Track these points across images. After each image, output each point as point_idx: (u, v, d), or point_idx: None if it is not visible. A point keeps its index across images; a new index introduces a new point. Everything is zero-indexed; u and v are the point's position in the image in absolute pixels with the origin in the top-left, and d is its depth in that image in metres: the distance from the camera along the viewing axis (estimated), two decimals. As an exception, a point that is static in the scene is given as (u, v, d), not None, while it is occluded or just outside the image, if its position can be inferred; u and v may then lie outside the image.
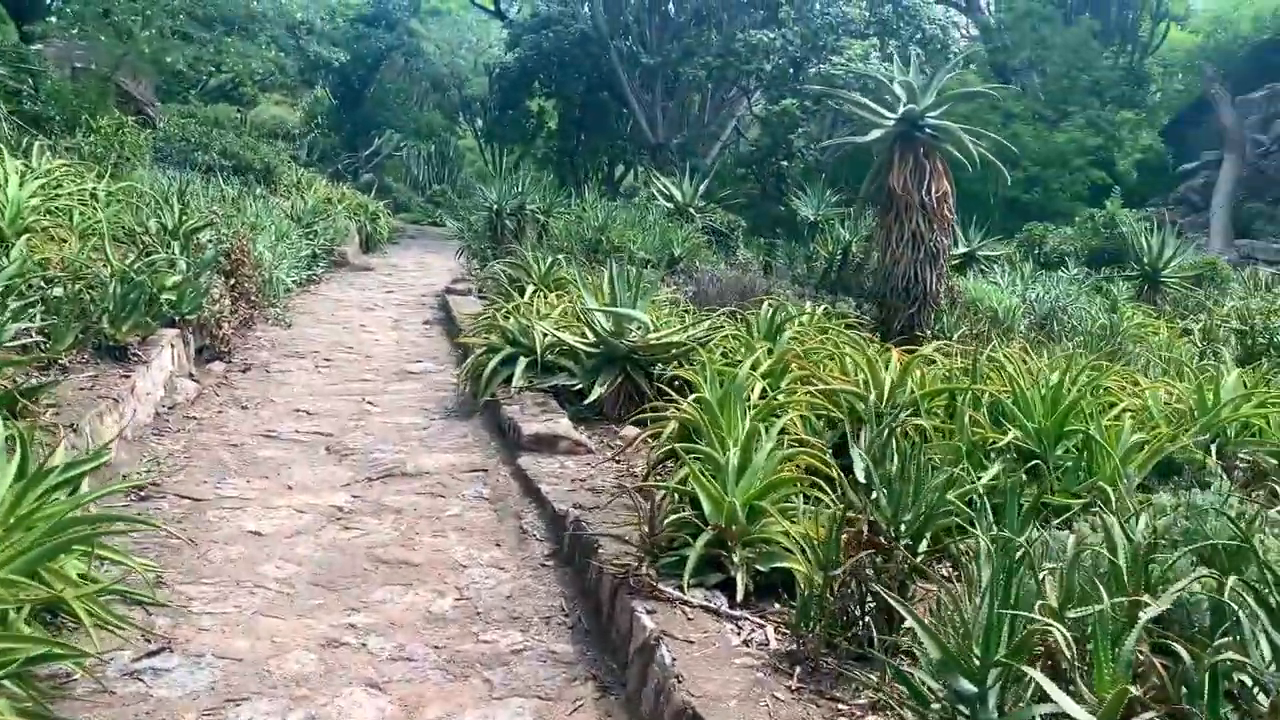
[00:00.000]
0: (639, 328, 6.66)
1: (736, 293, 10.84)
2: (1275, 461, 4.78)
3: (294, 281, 11.13)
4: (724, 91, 23.93)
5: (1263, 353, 7.16)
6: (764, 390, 4.98)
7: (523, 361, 6.77)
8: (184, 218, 8.77)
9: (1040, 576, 2.68)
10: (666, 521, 3.61)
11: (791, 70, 17.10)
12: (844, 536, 3.12)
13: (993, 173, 7.88)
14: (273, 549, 4.48)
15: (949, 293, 7.35)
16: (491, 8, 32.75)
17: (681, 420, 4.55)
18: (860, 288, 11.62)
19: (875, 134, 6.86)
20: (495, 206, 12.26)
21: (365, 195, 20.97)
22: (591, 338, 6.75)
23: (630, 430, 6.25)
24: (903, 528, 3.14)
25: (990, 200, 24.96)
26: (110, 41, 15.21)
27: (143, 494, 5.00)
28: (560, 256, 9.51)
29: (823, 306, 9.05)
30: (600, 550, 3.82)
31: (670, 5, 23.47)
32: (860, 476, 3.72)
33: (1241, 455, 4.86)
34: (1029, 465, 4.48)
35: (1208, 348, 8.11)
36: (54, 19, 16.55)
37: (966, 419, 4.43)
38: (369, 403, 7.09)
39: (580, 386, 6.67)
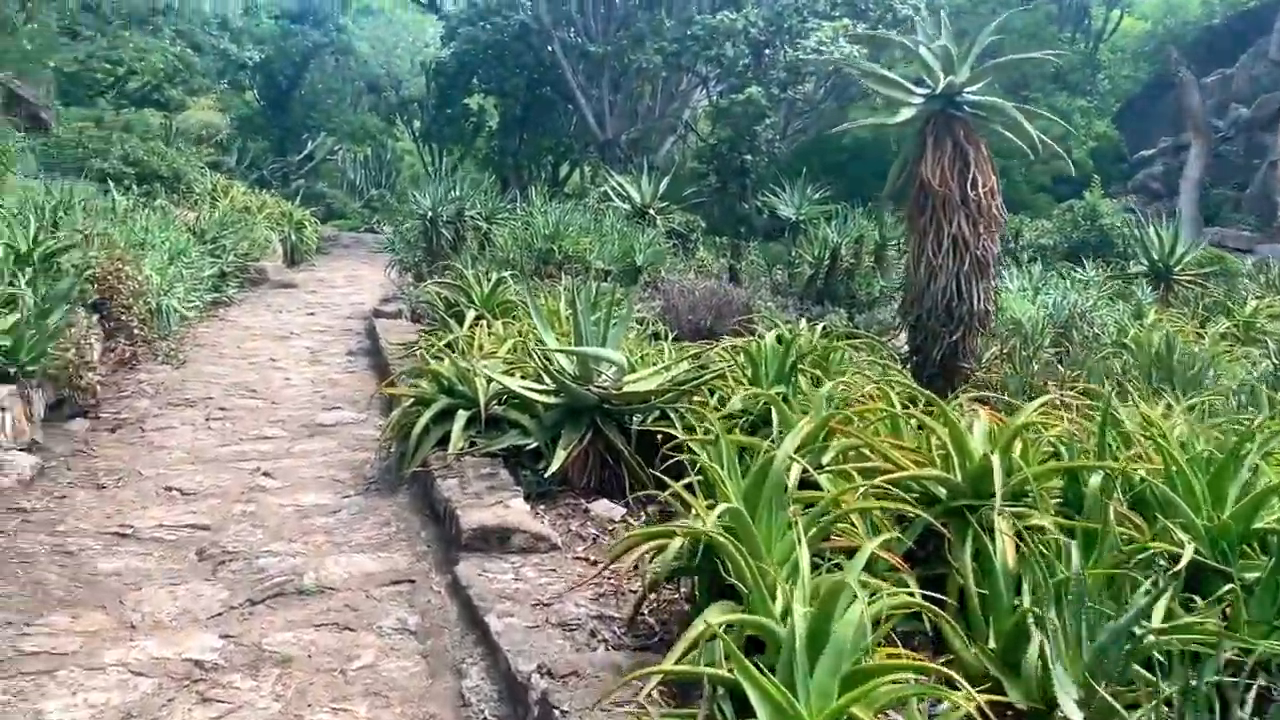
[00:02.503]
0: (613, 369, 5.18)
1: (711, 307, 9.43)
2: None
3: (194, 308, 9.48)
4: (676, 82, 22.55)
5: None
6: (803, 473, 3.51)
7: (462, 416, 5.25)
8: (39, 239, 7.12)
9: None
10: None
11: (752, 57, 15.71)
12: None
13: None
14: (82, 753, 2.93)
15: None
16: (425, 1, 30.98)
17: (694, 535, 3.07)
18: (852, 298, 10.25)
19: (905, 114, 5.45)
20: (429, 213, 10.70)
21: (291, 203, 19.21)
22: (550, 384, 5.26)
23: (604, 508, 4.79)
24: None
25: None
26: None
27: (-97, 655, 3.42)
28: (506, 273, 7.99)
29: (822, 323, 7.65)
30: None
31: (616, -10, 22.00)
32: (1072, 715, 2.27)
33: None
34: (1193, 580, 3.10)
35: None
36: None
37: (1110, 515, 3.01)
38: (265, 474, 5.52)
39: (536, 446, 5.18)
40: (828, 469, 3.65)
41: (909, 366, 5.75)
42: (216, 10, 21.42)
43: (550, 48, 23.18)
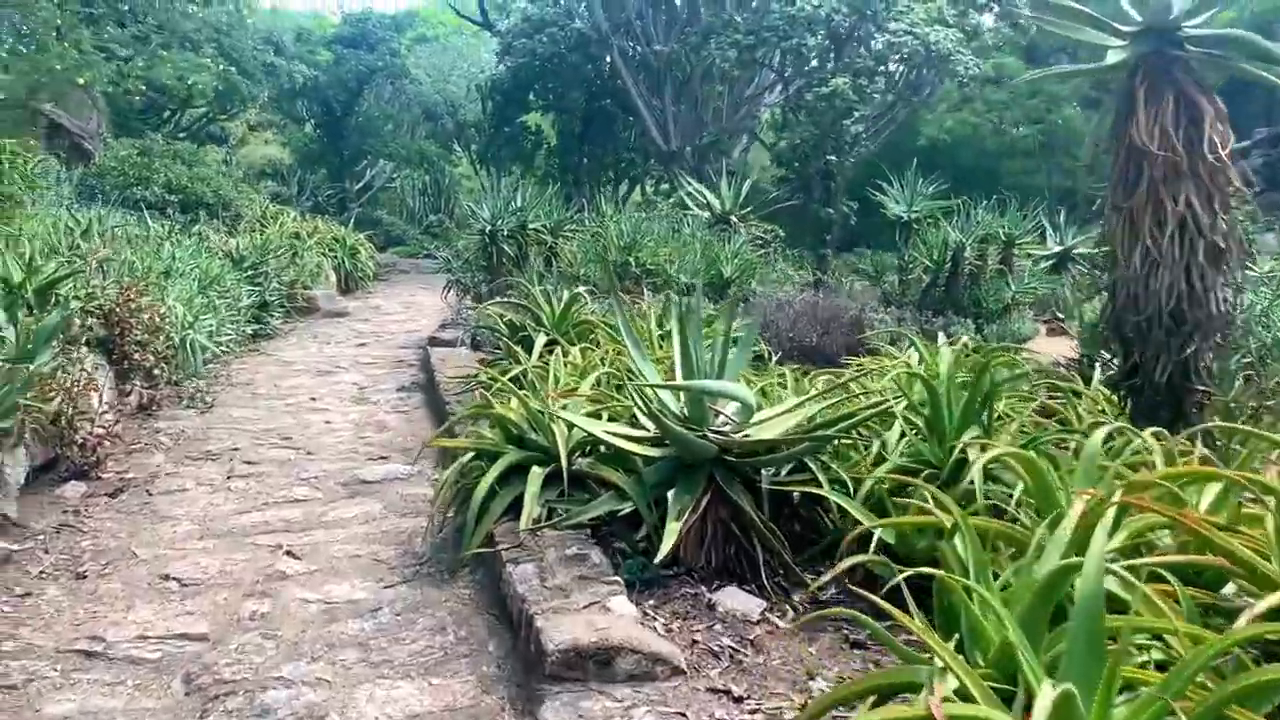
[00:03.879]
0: (734, 409, 3.90)
1: (817, 322, 8.13)
2: None
3: (228, 342, 8.42)
4: (744, 86, 21.29)
5: None
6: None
7: (537, 475, 3.99)
8: (35, 266, 6.06)
9: None
10: None
11: (832, 49, 14.38)
12: None
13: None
14: None
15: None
16: (479, 18, 30.16)
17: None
18: (978, 306, 8.84)
19: (1114, 57, 4.11)
20: (489, 227, 9.53)
21: (344, 228, 18.24)
22: (651, 430, 3.99)
23: (736, 601, 3.51)
24: None
25: (1046, 186, 22.48)
26: (28, 59, 12.57)
27: None
28: (581, 289, 6.73)
29: (963, 338, 6.31)
30: None
31: (677, -8, 20.81)
32: None
33: None
34: None
35: None
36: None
37: None
38: (289, 552, 4.32)
39: (631, 510, 3.91)
40: (1113, 566, 2.31)
41: (1121, 391, 4.36)
42: (268, 35, 20.74)
43: (609, 58, 22.12)
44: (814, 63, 14.37)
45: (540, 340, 5.80)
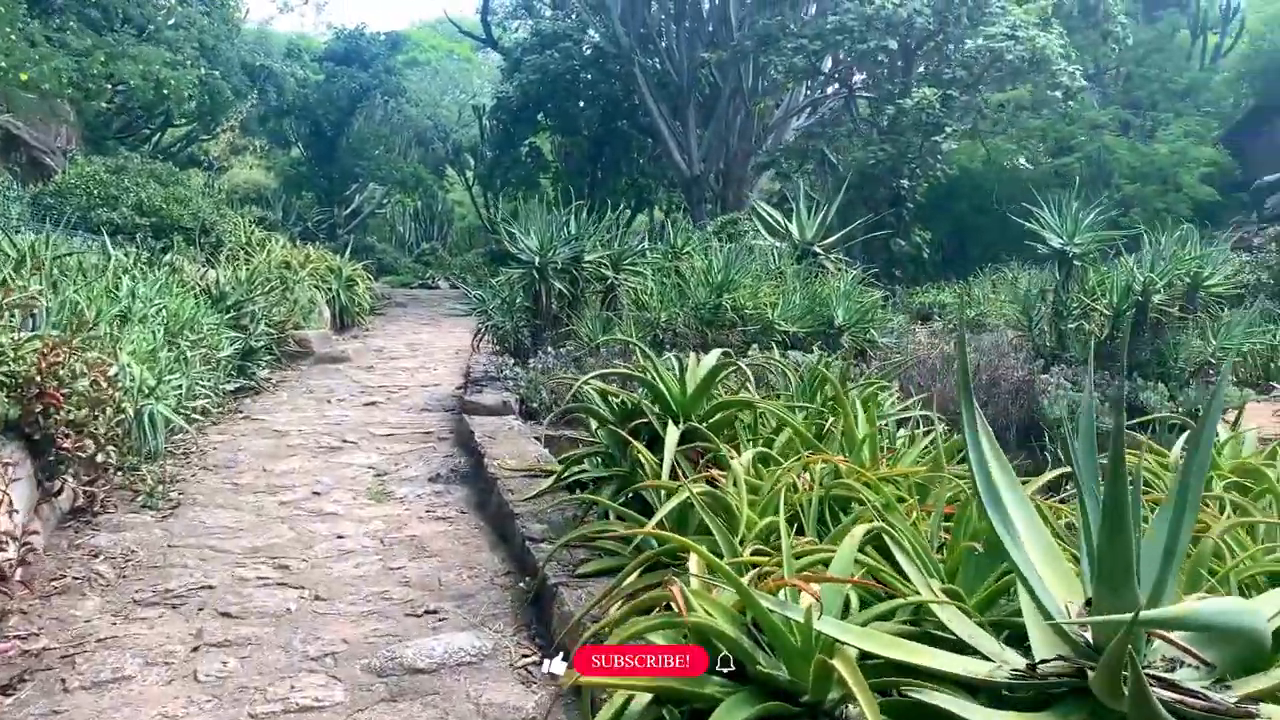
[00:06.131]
0: (1196, 638, 1.98)
1: (977, 387, 6.22)
2: None
3: (204, 405, 6.46)
4: (773, 108, 19.56)
5: None
6: None
7: (788, 750, 2.05)
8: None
9: None
10: None
11: (902, 58, 12.57)
12: None
13: None
14: None
15: None
16: (482, 35, 28.37)
17: None
18: (1162, 363, 6.94)
19: None
20: (537, 260, 7.58)
21: (340, 256, 16.25)
22: (1006, 669, 2.06)
23: None
24: None
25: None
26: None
27: None
28: (717, 352, 4.70)
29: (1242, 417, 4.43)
30: None
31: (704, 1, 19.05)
32: None
33: None
34: None
35: None
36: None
37: None
38: None
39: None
40: None
41: None
42: (254, 47, 18.91)
43: (626, 75, 20.36)
44: (884, 72, 12.56)
45: (671, 435, 3.80)
